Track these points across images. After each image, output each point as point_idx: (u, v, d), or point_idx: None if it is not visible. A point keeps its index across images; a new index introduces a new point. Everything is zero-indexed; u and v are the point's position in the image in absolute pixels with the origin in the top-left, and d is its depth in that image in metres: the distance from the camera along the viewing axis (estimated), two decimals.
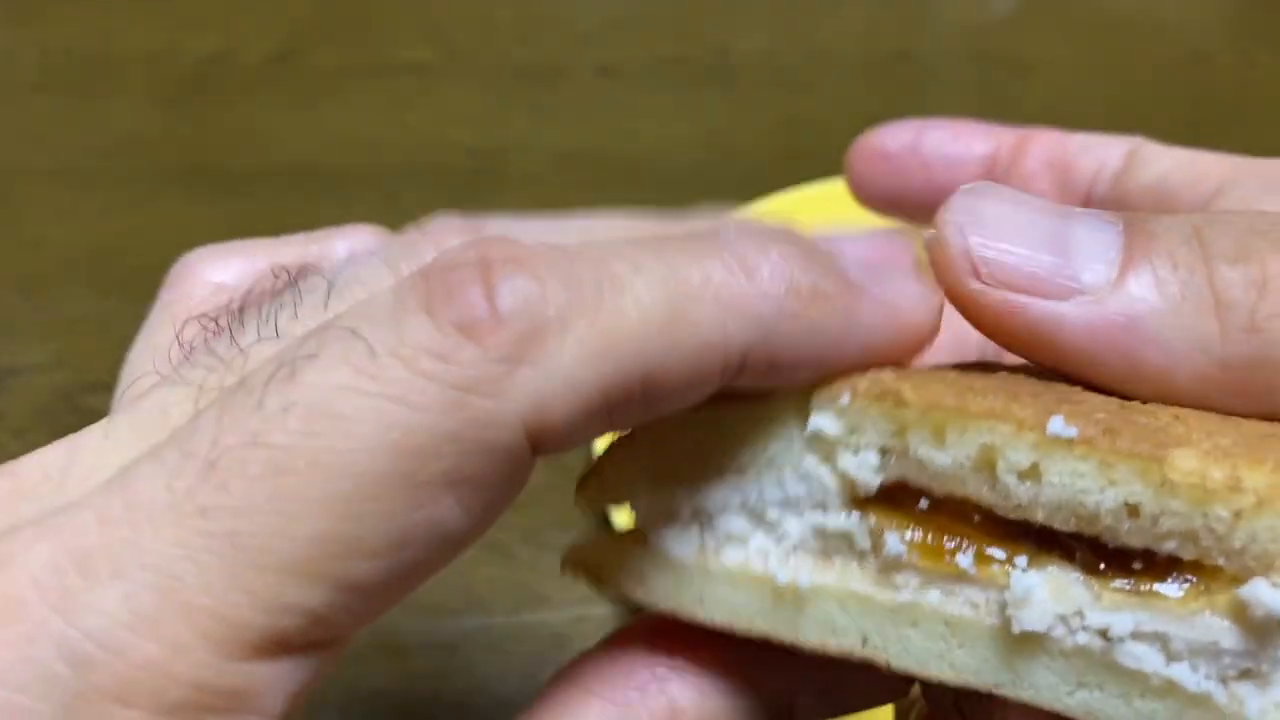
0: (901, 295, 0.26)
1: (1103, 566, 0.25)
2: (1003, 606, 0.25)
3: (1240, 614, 0.24)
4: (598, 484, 0.29)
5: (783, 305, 0.24)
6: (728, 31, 0.95)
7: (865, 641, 0.26)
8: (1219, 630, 0.24)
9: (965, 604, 0.26)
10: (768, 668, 0.27)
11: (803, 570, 0.27)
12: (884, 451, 0.26)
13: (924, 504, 0.26)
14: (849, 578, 0.27)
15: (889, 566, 0.26)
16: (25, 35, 1.01)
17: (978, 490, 0.25)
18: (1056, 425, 0.25)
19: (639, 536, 0.28)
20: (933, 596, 0.26)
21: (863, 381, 0.26)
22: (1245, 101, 0.87)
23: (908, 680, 0.28)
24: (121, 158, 0.89)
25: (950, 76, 0.90)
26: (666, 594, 0.27)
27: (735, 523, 0.28)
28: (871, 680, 0.27)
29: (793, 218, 0.80)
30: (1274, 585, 0.24)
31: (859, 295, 0.25)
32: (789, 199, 0.77)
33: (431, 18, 0.99)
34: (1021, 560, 0.26)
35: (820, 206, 0.76)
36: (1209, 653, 0.24)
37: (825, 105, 0.88)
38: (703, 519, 0.28)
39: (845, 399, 0.26)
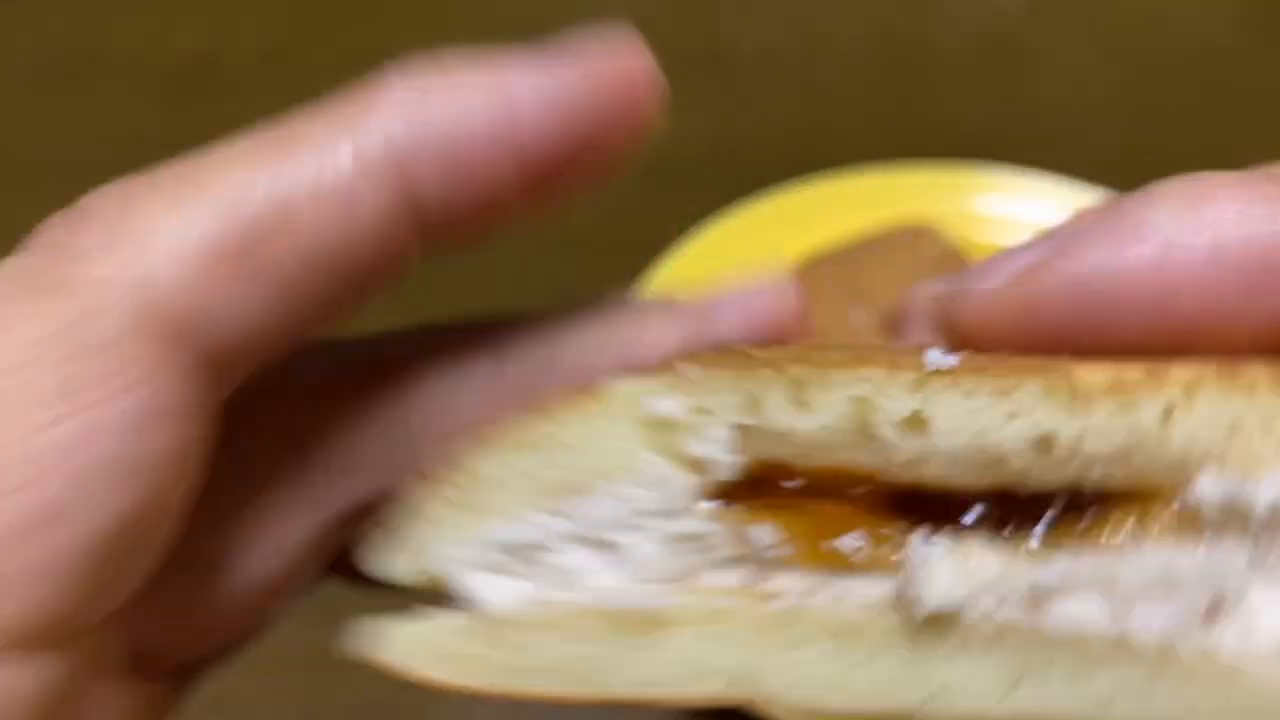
0: (591, 52, 0.26)
1: (1012, 530, 0.21)
2: (903, 593, 0.21)
3: (1192, 524, 0.20)
4: (397, 534, 0.25)
5: (408, 96, 0.23)
6: (731, 24, 0.94)
7: (735, 679, 0.22)
8: (1171, 557, 0.20)
9: (858, 604, 0.22)
10: None
11: (651, 596, 0.22)
12: (737, 429, 0.22)
13: (794, 485, 0.22)
14: (709, 594, 0.22)
15: (760, 569, 0.22)
16: (15, 30, 1.00)
17: (855, 456, 0.22)
18: (934, 356, 0.21)
19: (446, 598, 0.23)
20: (818, 601, 0.22)
21: (699, 354, 0.22)
22: (1257, 94, 0.86)
23: None
24: (112, 154, 0.87)
25: (959, 71, 0.89)
26: (486, 668, 0.22)
27: (569, 556, 0.23)
28: None
29: (796, 214, 0.76)
30: (1220, 475, 0.20)
31: (520, 66, 0.25)
32: (793, 196, 0.75)
33: (427, 11, 0.98)
34: (918, 536, 0.22)
35: (825, 203, 0.75)
36: (1164, 589, 0.21)
37: (832, 100, 0.87)
38: (527, 558, 0.23)
39: (685, 369, 0.23)
